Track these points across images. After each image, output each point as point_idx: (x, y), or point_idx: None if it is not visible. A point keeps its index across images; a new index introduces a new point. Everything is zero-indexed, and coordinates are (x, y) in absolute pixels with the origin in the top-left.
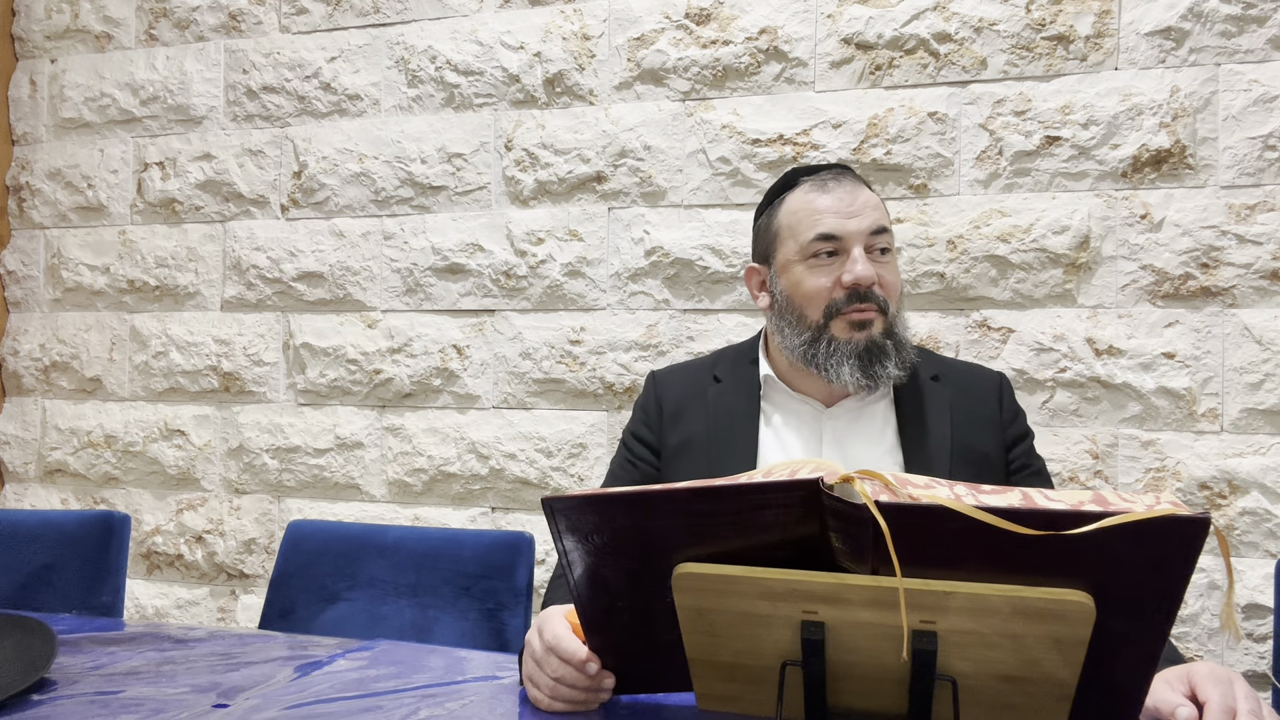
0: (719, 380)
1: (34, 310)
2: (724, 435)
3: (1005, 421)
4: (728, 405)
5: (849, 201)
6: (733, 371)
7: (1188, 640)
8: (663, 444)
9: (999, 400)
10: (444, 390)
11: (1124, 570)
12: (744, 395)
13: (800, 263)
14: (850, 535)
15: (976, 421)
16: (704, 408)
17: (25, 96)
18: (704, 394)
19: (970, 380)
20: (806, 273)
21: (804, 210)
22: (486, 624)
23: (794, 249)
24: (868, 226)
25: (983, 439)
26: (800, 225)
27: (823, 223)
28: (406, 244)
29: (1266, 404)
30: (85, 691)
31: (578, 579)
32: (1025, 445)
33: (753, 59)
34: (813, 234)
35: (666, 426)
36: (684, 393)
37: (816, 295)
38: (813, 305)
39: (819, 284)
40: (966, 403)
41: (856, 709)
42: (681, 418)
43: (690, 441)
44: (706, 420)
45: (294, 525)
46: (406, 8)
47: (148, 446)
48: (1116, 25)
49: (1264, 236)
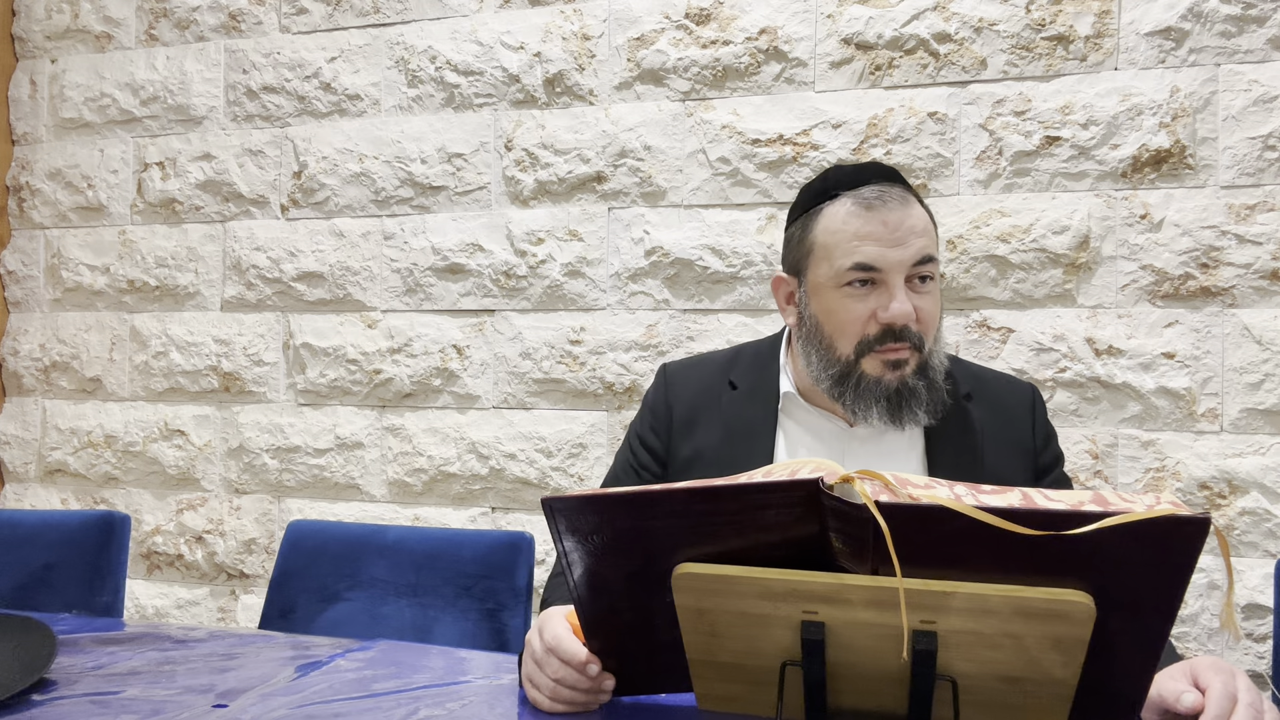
0: (735, 386)
1: (34, 310)
2: (739, 450)
3: (1038, 448)
4: (744, 417)
5: (894, 226)
6: (750, 377)
7: (1188, 640)
8: (671, 454)
9: (1031, 422)
10: (444, 390)
11: (1124, 570)
12: (761, 407)
13: (834, 289)
14: (850, 535)
15: (1007, 446)
16: (718, 417)
17: (25, 96)
18: (718, 401)
19: (1002, 396)
20: (840, 300)
21: (843, 232)
22: (487, 624)
23: (828, 272)
24: (911, 257)
25: (1013, 466)
26: (837, 248)
27: (862, 250)
28: (406, 244)
29: (1266, 404)
30: (85, 691)
31: (578, 579)
32: (1056, 474)
33: (753, 59)
34: (850, 262)
35: (677, 435)
36: (697, 396)
37: (849, 327)
38: (844, 337)
39: (853, 315)
40: (997, 425)
41: (856, 709)
42: (694, 427)
43: (702, 454)
44: (720, 432)
45: (294, 525)
46: (406, 8)
47: (148, 446)
48: (1116, 25)
49: (1264, 236)
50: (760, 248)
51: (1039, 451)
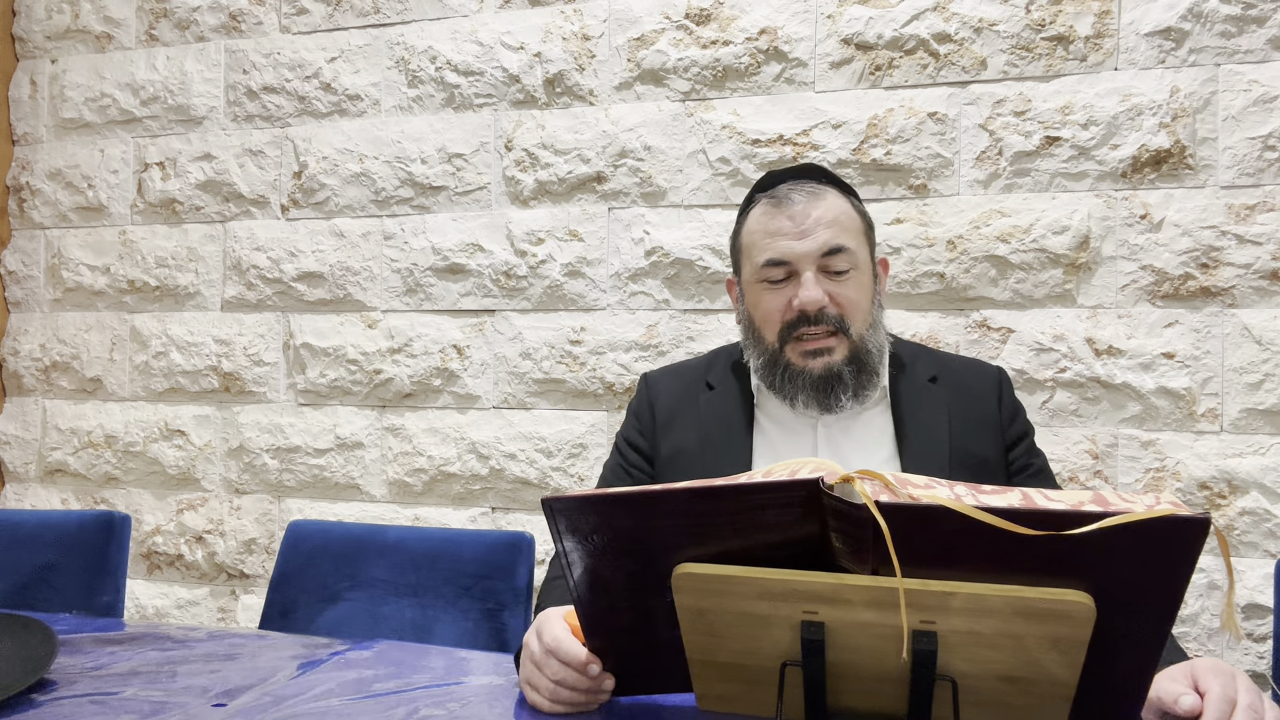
0: (711, 387)
1: (34, 310)
2: (717, 444)
3: (1005, 422)
4: (720, 413)
5: (800, 220)
6: (725, 377)
7: (1187, 640)
8: (655, 452)
9: (998, 399)
10: (444, 390)
11: (1124, 570)
12: (736, 403)
13: (756, 284)
14: (850, 535)
15: (974, 424)
16: (696, 416)
17: (26, 97)
18: (695, 401)
19: (968, 378)
20: (762, 294)
21: (758, 231)
22: (487, 624)
23: (750, 270)
24: (818, 248)
25: (982, 442)
26: (754, 247)
27: (772, 246)
28: (407, 244)
29: (1266, 404)
30: (86, 691)
31: (578, 579)
32: (1025, 444)
33: (753, 59)
34: (764, 258)
35: (659, 434)
36: (676, 399)
37: (770, 317)
38: (768, 326)
39: (773, 306)
40: (964, 404)
41: (856, 709)
42: (673, 425)
43: (682, 450)
44: (698, 429)
45: (294, 525)
46: (406, 8)
47: (148, 446)
48: (1116, 25)
49: (1264, 236)
50: None
51: (1006, 426)
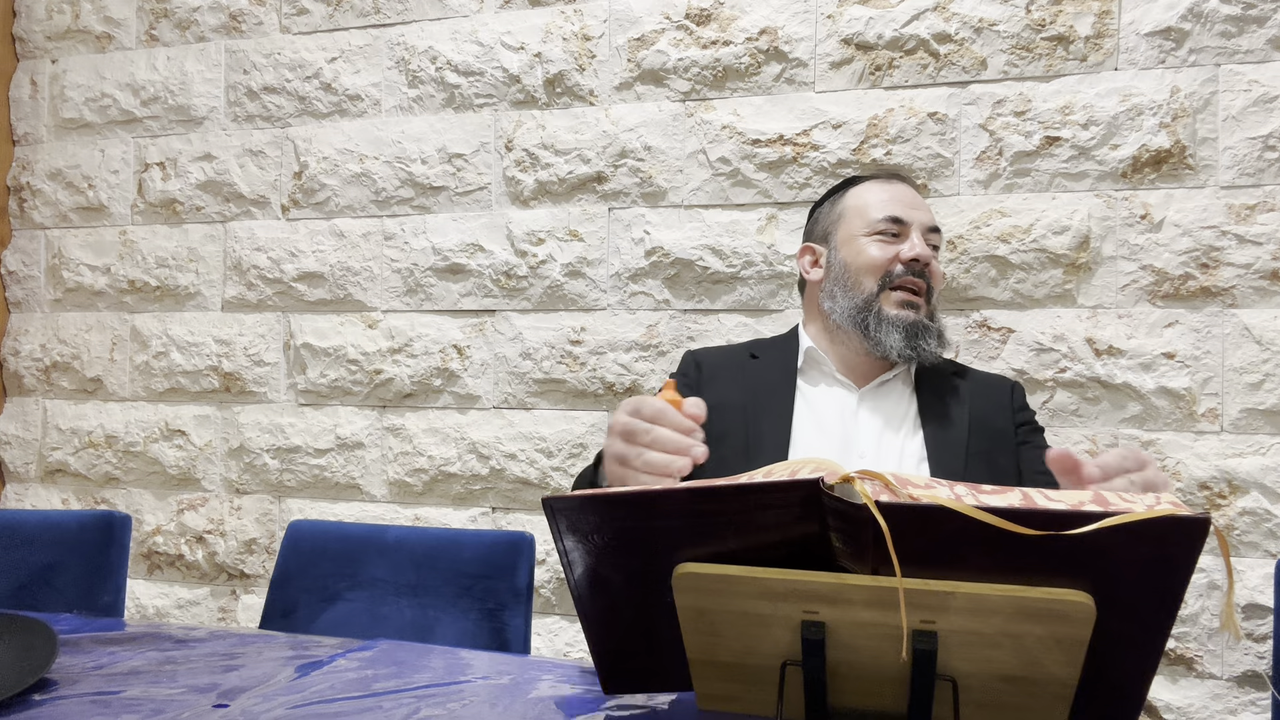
0: (755, 357)
1: (35, 310)
2: (761, 400)
3: (1016, 408)
4: (764, 376)
5: (912, 198)
6: (770, 352)
7: (1188, 640)
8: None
9: (1010, 395)
10: (444, 390)
11: (1124, 570)
12: (780, 370)
13: (865, 237)
14: (850, 535)
15: (990, 405)
16: (742, 376)
17: (26, 97)
18: (742, 366)
19: (986, 379)
20: (870, 245)
21: (873, 196)
22: (487, 624)
23: (860, 225)
24: (928, 221)
25: (997, 417)
26: (870, 208)
27: (891, 207)
28: (407, 244)
29: (1266, 404)
30: (86, 691)
31: (578, 579)
32: (1032, 422)
33: (753, 59)
34: (882, 214)
35: (704, 385)
36: (721, 363)
37: (876, 265)
38: (871, 274)
39: (881, 255)
40: (981, 392)
41: (856, 709)
42: (718, 380)
43: (726, 403)
44: (744, 386)
45: (294, 525)
46: (407, 8)
47: (148, 447)
48: (1116, 26)
49: (1264, 237)
50: (760, 248)
51: (1017, 410)
